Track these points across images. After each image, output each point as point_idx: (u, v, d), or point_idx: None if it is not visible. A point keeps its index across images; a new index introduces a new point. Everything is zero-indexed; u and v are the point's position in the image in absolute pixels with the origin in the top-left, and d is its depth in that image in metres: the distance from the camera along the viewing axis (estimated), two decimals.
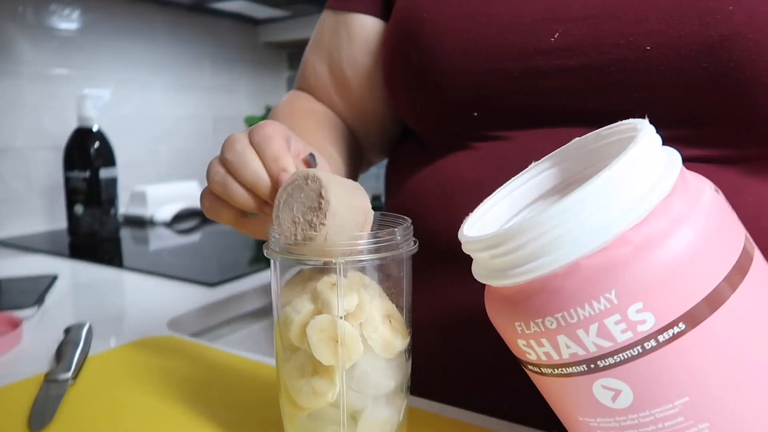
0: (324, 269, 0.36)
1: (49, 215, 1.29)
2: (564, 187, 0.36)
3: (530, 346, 0.29)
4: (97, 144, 1.16)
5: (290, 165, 0.37)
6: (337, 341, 0.35)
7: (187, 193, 1.49)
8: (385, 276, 0.37)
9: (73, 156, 1.15)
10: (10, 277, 0.83)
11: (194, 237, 1.28)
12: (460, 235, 0.32)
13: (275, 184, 0.37)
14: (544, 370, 0.30)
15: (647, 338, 0.26)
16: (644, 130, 0.28)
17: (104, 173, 1.16)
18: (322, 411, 0.36)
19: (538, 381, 0.32)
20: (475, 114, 0.47)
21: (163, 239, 1.24)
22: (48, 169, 1.28)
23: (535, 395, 0.47)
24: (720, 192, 0.29)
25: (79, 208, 1.15)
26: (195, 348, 0.57)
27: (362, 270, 0.36)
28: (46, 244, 1.13)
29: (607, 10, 0.42)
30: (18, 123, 1.23)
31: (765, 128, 0.40)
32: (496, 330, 0.33)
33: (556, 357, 0.28)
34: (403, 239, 0.36)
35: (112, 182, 1.18)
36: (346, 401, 0.36)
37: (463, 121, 0.49)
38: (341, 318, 0.35)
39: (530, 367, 0.31)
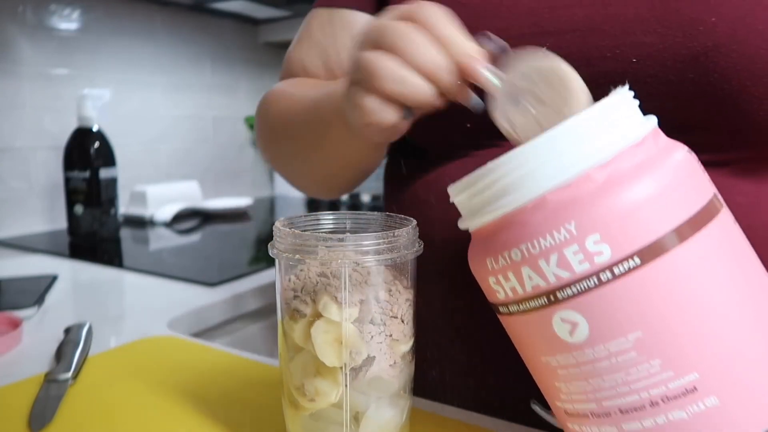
0: (329, 270, 0.35)
1: (49, 215, 1.29)
2: None
3: (499, 282, 0.31)
4: (97, 144, 1.16)
5: (474, 49, 0.34)
6: (341, 342, 0.35)
7: (187, 193, 1.49)
8: (389, 277, 0.37)
9: (73, 156, 1.15)
10: (10, 277, 0.83)
11: (194, 237, 1.28)
12: (450, 190, 0.34)
13: (464, 73, 0.34)
14: (511, 308, 0.31)
15: (603, 269, 0.27)
16: (623, 90, 0.31)
17: (104, 173, 1.16)
18: (325, 411, 0.36)
19: (508, 325, 0.33)
20: (468, 125, 0.47)
21: (163, 239, 1.23)
22: (48, 169, 1.28)
23: (534, 395, 0.46)
24: (694, 155, 0.31)
25: (79, 208, 1.15)
26: (195, 348, 0.57)
27: (367, 271, 0.36)
28: (46, 244, 1.13)
29: (594, 23, 0.42)
30: (18, 123, 1.23)
31: (754, 134, 0.41)
32: (479, 284, 0.34)
33: (520, 291, 0.30)
34: (409, 241, 0.36)
35: (112, 182, 1.18)
36: (349, 402, 0.36)
37: (457, 131, 0.49)
38: (345, 319, 0.35)
39: (500, 308, 0.32)
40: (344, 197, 1.79)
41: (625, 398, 0.28)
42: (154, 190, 1.40)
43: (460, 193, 0.33)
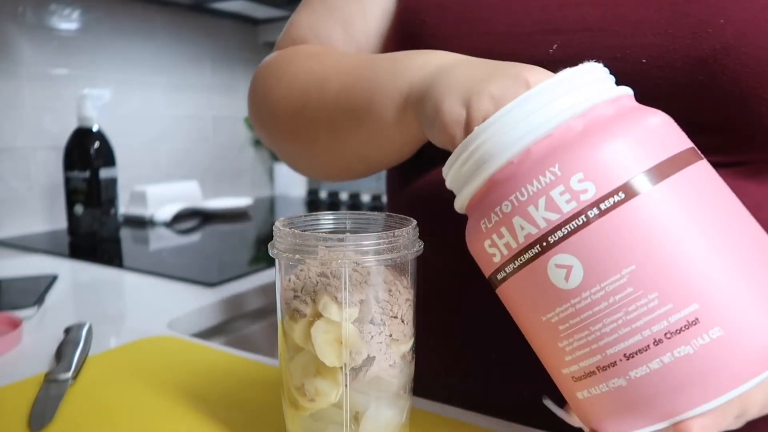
0: (329, 270, 0.35)
1: (49, 215, 1.29)
2: None
3: (494, 244, 0.32)
4: (97, 144, 1.16)
5: None
6: (341, 342, 0.35)
7: (187, 193, 1.49)
8: (389, 277, 0.37)
9: (73, 156, 1.15)
10: (10, 277, 0.83)
11: (194, 237, 1.28)
12: (443, 170, 0.35)
13: None
14: (507, 269, 0.32)
15: (590, 206, 0.28)
16: (597, 64, 0.32)
17: (104, 173, 1.16)
18: (325, 411, 0.36)
19: (506, 294, 0.33)
20: None
21: (163, 239, 1.23)
22: (48, 169, 1.28)
23: (534, 395, 0.46)
24: (672, 120, 0.32)
25: (79, 208, 1.15)
26: (195, 348, 0.57)
27: (367, 271, 0.36)
28: (46, 244, 1.13)
29: (604, 23, 0.42)
30: (18, 123, 1.23)
31: (762, 136, 0.41)
32: (477, 265, 0.35)
33: (514, 244, 0.31)
34: (409, 241, 0.36)
35: (112, 182, 1.18)
36: (349, 402, 0.36)
37: None
38: (345, 319, 0.35)
39: (498, 276, 0.33)
40: (344, 197, 1.79)
41: (628, 341, 0.28)
42: (154, 190, 1.40)
43: (451, 168, 0.34)
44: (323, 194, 1.83)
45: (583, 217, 0.28)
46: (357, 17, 0.54)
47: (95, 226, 1.16)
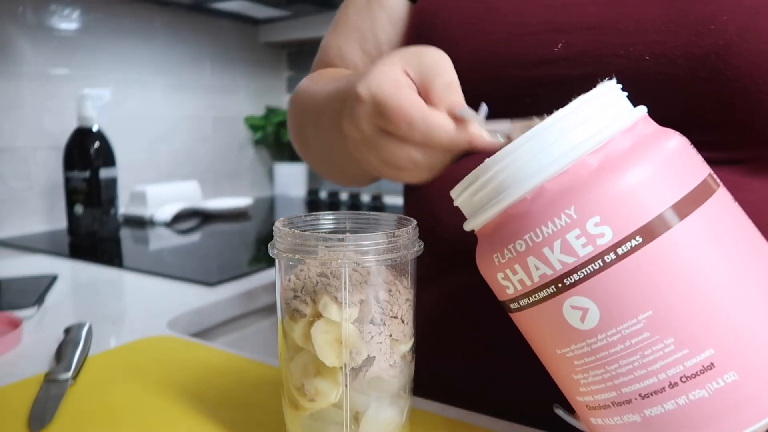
0: (329, 270, 0.35)
1: (49, 215, 1.29)
2: None
3: (507, 277, 0.31)
4: (97, 144, 1.16)
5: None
6: (341, 342, 0.35)
7: (187, 193, 1.49)
8: (389, 277, 0.37)
9: (73, 156, 1.15)
10: (10, 277, 0.83)
11: (194, 237, 1.28)
12: (452, 192, 0.34)
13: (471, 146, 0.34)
14: (521, 302, 0.31)
15: (607, 251, 0.28)
16: (610, 81, 0.31)
17: (104, 173, 1.16)
18: (325, 411, 0.36)
19: (520, 321, 0.33)
20: None
21: (163, 239, 1.23)
22: (48, 169, 1.28)
23: (534, 395, 0.46)
24: (686, 138, 0.31)
25: (79, 208, 1.15)
26: (195, 348, 0.57)
27: (367, 271, 0.36)
28: (46, 244, 1.13)
29: (607, 21, 0.42)
30: (18, 123, 1.23)
31: (765, 132, 0.41)
32: (488, 286, 0.34)
33: (528, 282, 0.30)
34: (409, 241, 0.36)
35: (112, 182, 1.18)
36: (349, 402, 0.36)
37: None
38: (345, 319, 0.35)
39: (511, 305, 0.32)
40: (344, 197, 1.79)
41: (643, 382, 0.28)
42: (154, 190, 1.40)
43: (461, 194, 0.33)
44: (323, 194, 1.83)
45: (599, 261, 0.28)
46: (368, 34, 0.58)
47: (95, 226, 1.16)
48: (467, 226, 0.34)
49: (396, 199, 1.65)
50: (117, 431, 0.42)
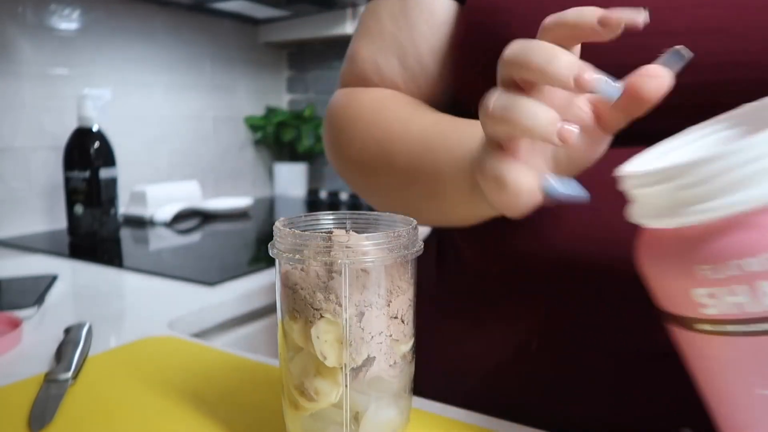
0: (329, 270, 0.35)
1: (49, 215, 1.29)
2: None
3: (715, 296, 0.25)
4: (97, 144, 1.16)
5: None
6: (341, 342, 0.35)
7: (187, 193, 1.49)
8: (390, 277, 0.37)
9: (73, 156, 1.15)
10: (10, 277, 0.83)
11: (194, 237, 1.28)
12: (623, 171, 0.28)
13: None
14: (728, 328, 0.26)
15: None
16: None
17: (104, 173, 1.16)
18: (325, 411, 0.36)
19: (705, 344, 0.27)
20: None
21: (163, 239, 1.23)
22: (48, 169, 1.28)
23: (535, 395, 0.46)
24: None
25: (79, 208, 1.15)
26: (195, 348, 0.57)
27: (367, 271, 0.36)
28: (46, 244, 1.13)
29: (725, 25, 0.38)
30: (18, 123, 1.23)
31: None
32: (645, 282, 0.29)
33: (750, 309, 0.24)
34: (409, 241, 0.36)
35: (112, 182, 1.18)
36: (349, 402, 0.36)
37: None
38: (345, 319, 0.35)
39: (703, 327, 0.27)
40: (344, 197, 1.79)
41: None
42: (154, 190, 1.40)
43: (657, 183, 0.27)
44: (323, 194, 1.83)
45: None
46: (408, 46, 0.54)
47: (95, 226, 1.16)
48: (640, 219, 0.29)
49: None
50: (117, 431, 0.42)
